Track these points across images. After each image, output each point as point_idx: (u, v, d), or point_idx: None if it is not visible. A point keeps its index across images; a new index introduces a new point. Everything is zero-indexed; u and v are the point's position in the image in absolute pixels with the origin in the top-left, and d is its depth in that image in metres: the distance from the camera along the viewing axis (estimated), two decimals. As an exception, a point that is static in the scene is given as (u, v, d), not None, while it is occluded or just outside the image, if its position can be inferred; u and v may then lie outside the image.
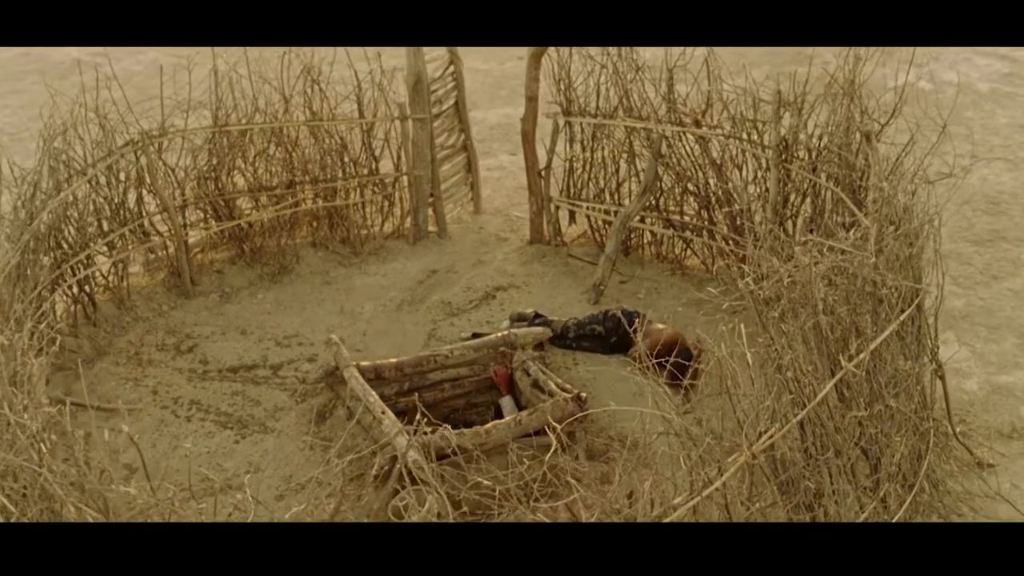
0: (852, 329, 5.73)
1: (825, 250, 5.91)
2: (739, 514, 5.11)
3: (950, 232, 8.82)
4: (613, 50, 8.47)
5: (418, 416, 5.79)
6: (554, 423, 6.12)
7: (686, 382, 6.27)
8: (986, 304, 8.26)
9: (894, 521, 5.85)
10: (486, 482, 5.13)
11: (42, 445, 5.03)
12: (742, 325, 5.25)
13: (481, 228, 9.59)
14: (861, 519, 5.60)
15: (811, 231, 7.16)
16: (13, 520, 5.42)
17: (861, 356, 5.61)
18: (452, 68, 9.21)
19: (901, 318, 6.02)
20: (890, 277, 5.88)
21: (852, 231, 6.34)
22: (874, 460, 5.81)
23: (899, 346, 6.09)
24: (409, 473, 6.01)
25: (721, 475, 4.98)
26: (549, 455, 5.12)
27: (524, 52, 13.12)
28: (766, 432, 5.14)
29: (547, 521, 4.64)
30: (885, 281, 5.87)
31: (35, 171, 7.21)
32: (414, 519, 5.01)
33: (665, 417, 5.06)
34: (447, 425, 6.22)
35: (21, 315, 5.77)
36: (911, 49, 7.19)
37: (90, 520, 5.10)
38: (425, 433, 5.86)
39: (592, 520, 4.72)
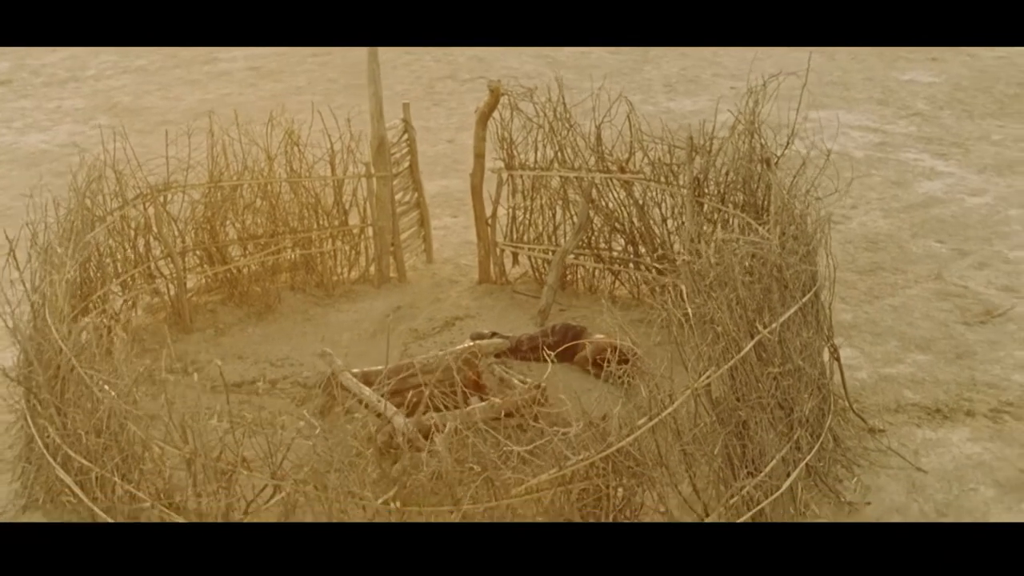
0: (765, 304, 7.16)
1: (740, 243, 7.40)
2: (687, 434, 6.47)
3: (837, 264, 10.34)
4: (549, 111, 9.96)
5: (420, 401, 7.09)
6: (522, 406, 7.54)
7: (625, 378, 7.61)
8: (870, 317, 9.74)
9: (806, 461, 7.23)
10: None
11: (133, 395, 6.29)
12: (683, 286, 6.70)
13: (435, 274, 10.93)
14: (780, 455, 6.97)
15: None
16: (94, 473, 6.62)
17: (774, 325, 7.06)
18: (406, 135, 10.64)
19: (803, 299, 7.48)
20: (793, 261, 7.36)
21: (761, 229, 7.85)
22: (788, 409, 7.19)
23: (802, 322, 7.54)
24: (408, 443, 7.27)
25: (673, 403, 6.36)
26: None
27: (453, 135, 14.71)
28: (705, 373, 6.56)
29: (542, 426, 5.95)
30: (789, 265, 7.35)
31: (74, 211, 8.46)
32: (437, 440, 6.27)
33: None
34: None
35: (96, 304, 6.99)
36: (802, 119, 8.80)
37: (167, 456, 6.32)
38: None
39: (580, 429, 6.06)
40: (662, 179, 9.60)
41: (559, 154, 10.09)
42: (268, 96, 16.48)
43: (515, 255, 10.65)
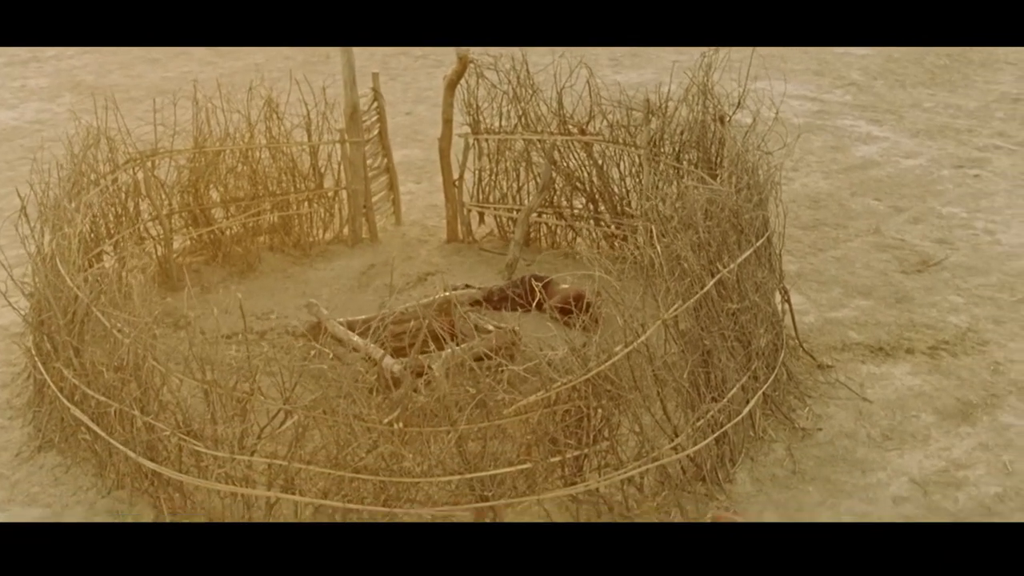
0: (724, 246, 7.82)
1: (700, 190, 8.06)
2: (658, 359, 7.10)
3: (782, 220, 11.05)
4: (513, 77, 10.57)
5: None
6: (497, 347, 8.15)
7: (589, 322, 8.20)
8: (815, 267, 10.43)
9: (763, 391, 7.89)
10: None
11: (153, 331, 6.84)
12: (653, 227, 7.34)
13: (404, 234, 11.49)
14: (740, 383, 7.63)
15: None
16: (112, 409, 7.12)
17: (733, 265, 7.71)
18: (376, 103, 11.20)
19: (758, 243, 8.14)
20: (747, 208, 8.03)
21: (717, 179, 8.52)
22: (745, 343, 7.85)
23: (757, 263, 8.21)
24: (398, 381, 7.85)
25: (645, 332, 7.00)
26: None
27: (411, 108, 15.26)
28: (673, 306, 7.20)
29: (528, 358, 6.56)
30: (744, 211, 8.01)
31: (73, 172, 8.96)
32: (435, 366, 6.86)
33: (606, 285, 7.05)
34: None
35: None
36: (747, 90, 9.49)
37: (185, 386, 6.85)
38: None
39: (562, 354, 6.69)
40: (620, 140, 10.24)
41: (523, 118, 10.69)
42: (228, 73, 16.92)
43: (481, 215, 11.25)
